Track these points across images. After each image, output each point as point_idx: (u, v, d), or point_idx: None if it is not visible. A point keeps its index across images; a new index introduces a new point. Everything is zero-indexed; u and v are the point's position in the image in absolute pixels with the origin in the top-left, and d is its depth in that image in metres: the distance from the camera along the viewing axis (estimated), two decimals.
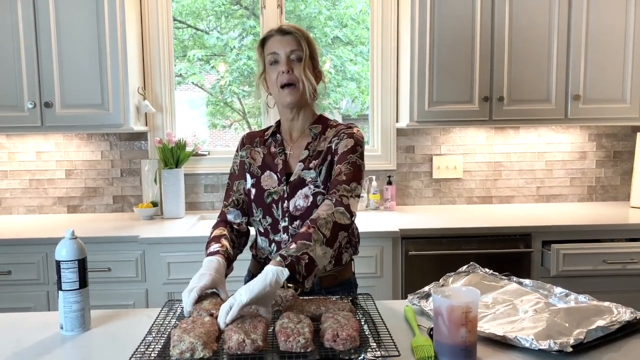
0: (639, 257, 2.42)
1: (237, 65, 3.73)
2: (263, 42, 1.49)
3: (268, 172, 1.50)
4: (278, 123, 1.58)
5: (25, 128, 2.61)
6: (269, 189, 1.48)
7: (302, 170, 1.47)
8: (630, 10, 2.66)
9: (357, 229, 1.56)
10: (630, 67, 2.69)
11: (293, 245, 1.23)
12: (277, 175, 1.49)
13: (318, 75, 1.52)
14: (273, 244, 1.49)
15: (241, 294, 1.12)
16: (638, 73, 2.70)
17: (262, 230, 1.51)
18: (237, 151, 1.60)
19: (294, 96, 1.45)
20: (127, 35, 2.59)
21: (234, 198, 1.54)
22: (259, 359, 1.04)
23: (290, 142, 1.53)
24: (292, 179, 1.47)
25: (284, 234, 1.47)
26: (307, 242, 1.23)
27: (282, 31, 1.45)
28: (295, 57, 1.44)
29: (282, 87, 1.45)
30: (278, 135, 1.56)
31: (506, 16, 2.63)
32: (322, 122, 1.54)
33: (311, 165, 1.46)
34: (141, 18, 2.88)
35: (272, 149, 1.54)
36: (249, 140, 1.59)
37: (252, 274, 1.58)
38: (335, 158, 1.44)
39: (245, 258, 1.60)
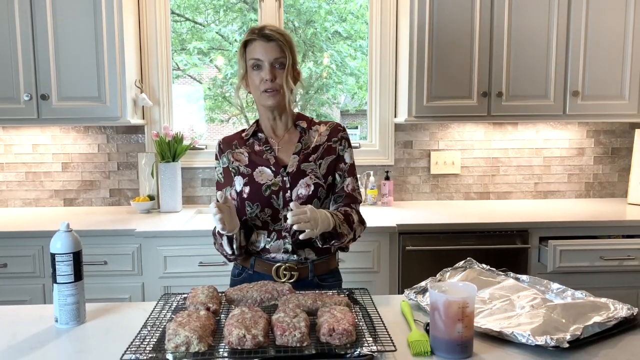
0: (635, 254, 2.42)
1: None
2: (245, 44, 1.51)
3: (260, 168, 1.55)
4: (256, 123, 1.63)
5: (21, 120, 2.59)
6: (266, 182, 1.52)
7: (299, 162, 1.53)
8: (630, 6, 2.65)
9: None
10: (629, 63, 2.68)
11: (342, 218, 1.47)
12: (272, 169, 1.53)
13: (296, 76, 1.57)
14: (273, 233, 1.53)
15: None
16: (637, 70, 2.69)
17: (260, 224, 1.54)
18: (216, 159, 1.64)
19: (275, 100, 1.51)
20: (125, 28, 2.57)
21: None
22: (254, 353, 1.03)
23: (276, 138, 1.59)
24: (289, 170, 1.52)
25: (285, 222, 1.51)
26: (350, 226, 1.50)
27: (266, 37, 1.48)
28: (279, 64, 1.49)
29: (264, 91, 1.50)
30: (260, 134, 1.60)
31: (505, 11, 2.62)
32: (304, 119, 1.63)
33: (310, 158, 1.54)
34: (139, 11, 2.86)
35: (257, 147, 1.59)
36: (227, 146, 1.62)
37: (241, 267, 1.60)
38: (342, 165, 1.58)
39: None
